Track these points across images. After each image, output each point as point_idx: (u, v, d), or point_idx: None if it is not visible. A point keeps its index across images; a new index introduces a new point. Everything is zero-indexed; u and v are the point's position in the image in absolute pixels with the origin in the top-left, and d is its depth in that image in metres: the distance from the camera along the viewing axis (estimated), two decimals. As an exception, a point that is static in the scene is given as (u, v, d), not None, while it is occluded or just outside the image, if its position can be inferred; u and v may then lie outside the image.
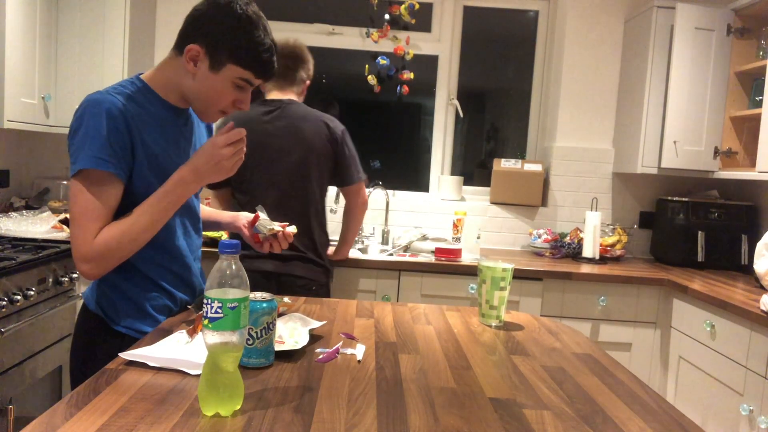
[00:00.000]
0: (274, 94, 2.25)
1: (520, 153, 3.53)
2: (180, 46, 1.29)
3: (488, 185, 3.32)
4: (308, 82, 2.32)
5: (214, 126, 1.64)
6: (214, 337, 0.89)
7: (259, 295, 1.11)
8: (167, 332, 1.24)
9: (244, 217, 1.62)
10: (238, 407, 0.91)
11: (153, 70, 1.35)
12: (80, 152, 1.20)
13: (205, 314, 0.89)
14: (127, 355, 1.08)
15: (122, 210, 1.28)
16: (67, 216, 2.56)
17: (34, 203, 2.93)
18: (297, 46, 2.29)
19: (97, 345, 1.32)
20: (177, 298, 1.41)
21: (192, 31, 1.28)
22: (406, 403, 0.98)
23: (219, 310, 0.88)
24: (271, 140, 2.16)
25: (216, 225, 1.67)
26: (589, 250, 2.89)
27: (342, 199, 2.93)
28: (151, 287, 1.36)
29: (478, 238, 2.79)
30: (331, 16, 3.36)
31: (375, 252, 3.03)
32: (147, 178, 1.28)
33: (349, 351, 1.23)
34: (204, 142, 1.51)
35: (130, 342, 1.27)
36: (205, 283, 1.53)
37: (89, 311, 1.35)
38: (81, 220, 1.20)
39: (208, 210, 1.68)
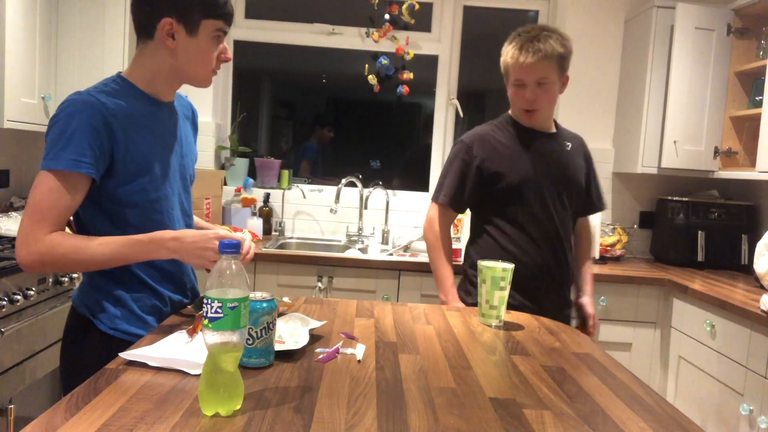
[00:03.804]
0: None
1: (520, 153, 3.52)
2: (147, 30, 1.29)
3: (488, 185, 3.31)
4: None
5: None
6: (214, 337, 0.88)
7: (259, 294, 1.10)
8: (167, 332, 1.24)
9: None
10: (238, 407, 0.91)
11: (131, 66, 1.34)
12: (54, 150, 1.19)
13: (205, 314, 0.89)
14: (127, 355, 1.08)
15: (110, 207, 1.28)
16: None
17: (34, 203, 2.92)
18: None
19: (85, 346, 1.31)
20: (165, 297, 1.39)
21: (153, 9, 1.27)
22: (406, 403, 0.98)
23: (219, 310, 0.88)
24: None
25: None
26: (589, 250, 2.88)
27: (339, 201, 2.92)
28: (138, 287, 1.34)
29: (478, 238, 2.78)
30: (331, 16, 3.36)
31: (375, 252, 3.03)
32: (133, 175, 1.27)
33: (349, 351, 1.22)
34: (189, 137, 1.50)
35: (117, 343, 1.25)
36: (197, 280, 1.53)
37: (77, 312, 1.34)
38: (38, 214, 1.19)
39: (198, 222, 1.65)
